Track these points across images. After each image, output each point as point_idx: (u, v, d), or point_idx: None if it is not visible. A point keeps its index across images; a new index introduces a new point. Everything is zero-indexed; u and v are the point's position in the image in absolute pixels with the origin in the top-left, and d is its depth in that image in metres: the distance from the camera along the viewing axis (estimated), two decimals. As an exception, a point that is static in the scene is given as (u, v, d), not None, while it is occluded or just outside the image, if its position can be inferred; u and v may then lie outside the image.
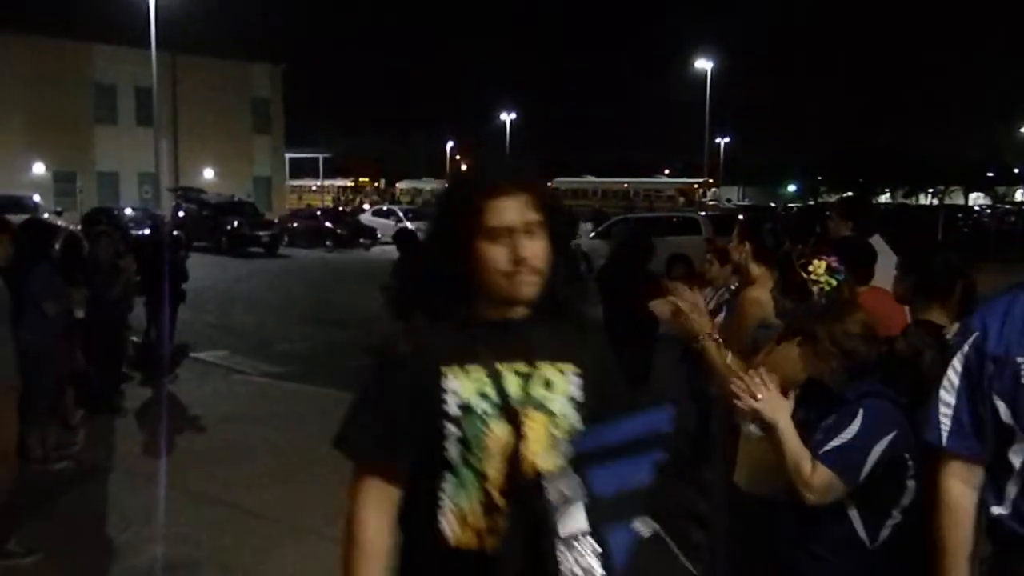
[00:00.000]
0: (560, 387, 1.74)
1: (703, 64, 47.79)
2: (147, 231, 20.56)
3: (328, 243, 29.08)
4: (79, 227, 11.46)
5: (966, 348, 2.09)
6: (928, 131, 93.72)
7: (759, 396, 2.47)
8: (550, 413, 1.72)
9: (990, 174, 78.75)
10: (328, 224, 30.29)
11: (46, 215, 22.50)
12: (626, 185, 45.10)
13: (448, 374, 1.68)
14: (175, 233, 11.55)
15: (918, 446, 2.46)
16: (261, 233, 27.13)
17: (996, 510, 2.05)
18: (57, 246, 6.33)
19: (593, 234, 21.32)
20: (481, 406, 1.68)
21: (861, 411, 2.43)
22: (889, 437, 2.41)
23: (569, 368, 1.76)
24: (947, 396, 2.10)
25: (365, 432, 1.80)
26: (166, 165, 34.75)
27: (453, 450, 1.68)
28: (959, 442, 2.07)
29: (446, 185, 1.84)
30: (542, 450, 1.68)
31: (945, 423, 2.09)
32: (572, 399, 1.75)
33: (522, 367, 1.72)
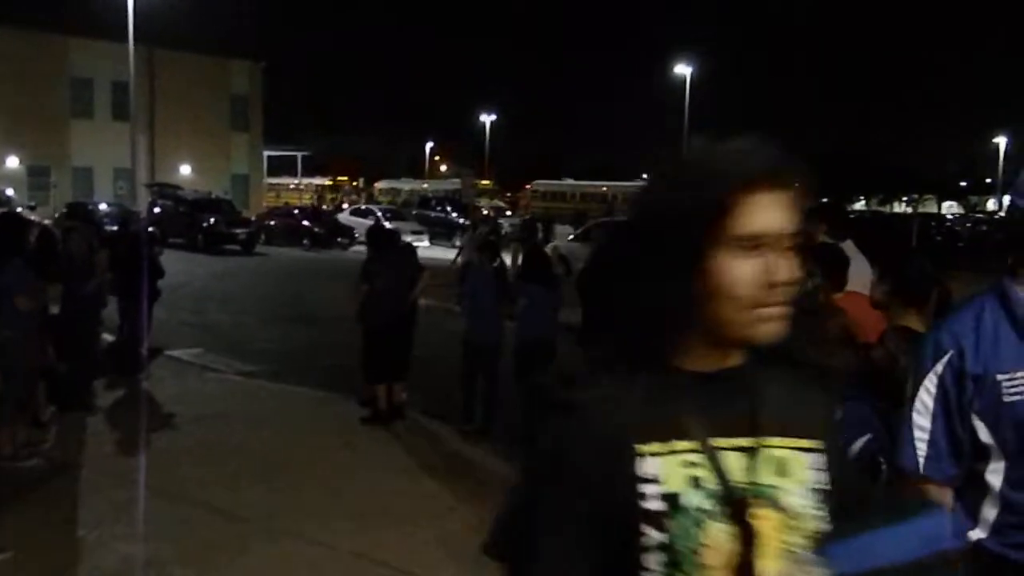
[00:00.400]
0: (797, 472, 1.25)
1: (682, 69, 48.10)
2: (119, 227, 20.40)
3: (305, 242, 28.94)
4: (52, 222, 11.34)
5: (940, 368, 2.00)
6: (903, 140, 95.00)
7: None
8: (785, 510, 1.22)
9: (963, 183, 79.95)
10: (306, 223, 30.13)
11: (19, 209, 22.21)
12: (605, 188, 45.20)
13: (645, 452, 1.19)
14: (150, 229, 11.44)
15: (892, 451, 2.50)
16: (238, 231, 26.95)
17: (974, 535, 1.97)
18: (31, 241, 6.26)
19: (572, 237, 21.37)
20: (694, 501, 1.19)
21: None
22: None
23: (808, 443, 1.27)
24: (921, 420, 2.02)
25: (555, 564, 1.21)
26: (142, 161, 34.42)
27: (654, 562, 1.19)
28: (935, 467, 2.00)
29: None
30: (778, 564, 1.21)
31: (921, 448, 2.01)
32: (813, 489, 1.25)
33: (745, 442, 1.23)
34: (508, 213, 38.71)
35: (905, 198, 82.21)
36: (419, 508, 5.45)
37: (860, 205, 79.74)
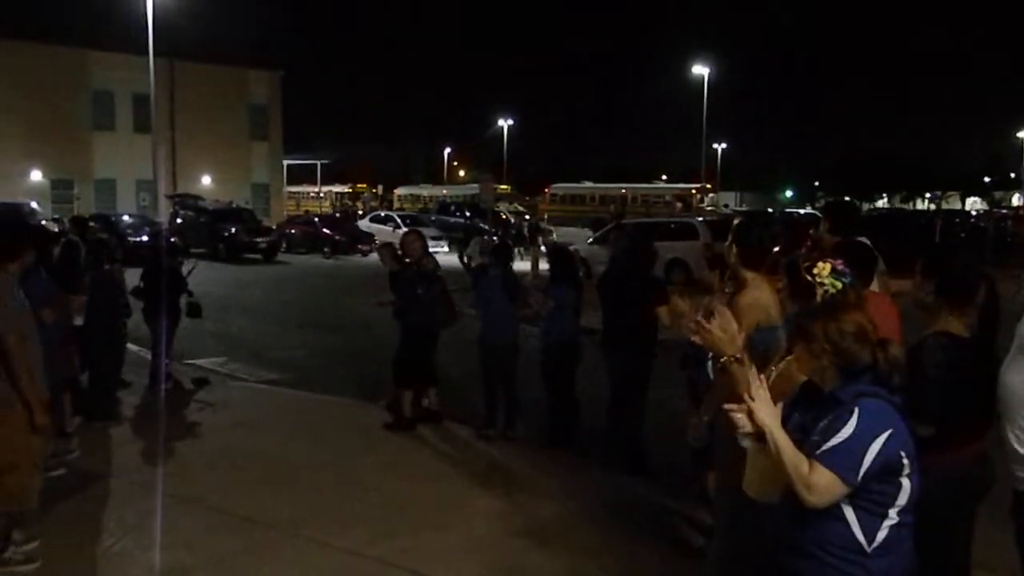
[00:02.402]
0: None
1: (700, 70, 47.93)
2: (145, 238, 20.59)
3: (326, 249, 29.08)
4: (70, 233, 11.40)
5: None
6: (925, 137, 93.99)
7: (752, 406, 2.50)
8: None
9: (987, 179, 78.90)
10: (326, 230, 30.28)
11: (44, 222, 22.46)
12: (624, 190, 45.06)
13: None
14: (172, 240, 11.53)
15: (914, 445, 2.47)
16: (259, 240, 27.12)
17: None
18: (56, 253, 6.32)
19: (591, 240, 21.32)
20: None
21: (857, 410, 2.44)
22: (885, 435, 2.42)
23: None
24: None
25: None
26: (163, 172, 34.71)
27: None
28: None
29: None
30: None
31: None
32: None
33: None
34: (527, 217, 38.63)
35: (928, 195, 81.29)
36: (443, 513, 5.44)
37: (883, 202, 78.97)
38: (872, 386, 2.51)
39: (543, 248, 17.52)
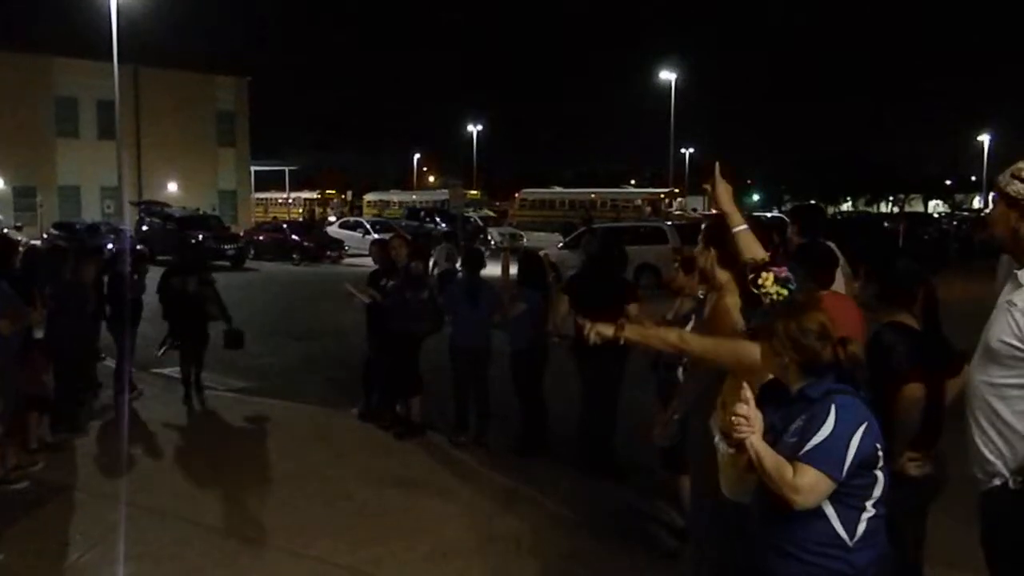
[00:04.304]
0: None
1: (668, 75, 48.33)
2: (109, 245, 20.31)
3: (295, 256, 28.87)
4: (41, 241, 11.20)
5: None
6: (887, 141, 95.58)
7: (741, 417, 2.51)
8: None
9: (948, 182, 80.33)
10: (295, 237, 30.07)
11: (5, 230, 22.09)
12: (593, 195, 45.28)
13: None
14: (139, 247, 11.37)
15: (885, 437, 2.53)
16: (227, 247, 26.85)
17: None
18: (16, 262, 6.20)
19: (562, 244, 21.38)
20: None
21: (833, 407, 2.48)
22: (862, 429, 2.46)
23: None
24: None
25: None
26: (129, 179, 34.28)
27: None
28: None
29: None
30: None
31: None
32: None
33: None
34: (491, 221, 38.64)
35: (891, 198, 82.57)
36: (415, 521, 5.41)
37: (847, 206, 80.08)
38: (839, 383, 2.55)
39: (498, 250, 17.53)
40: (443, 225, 32.31)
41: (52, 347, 6.53)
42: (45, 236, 24.27)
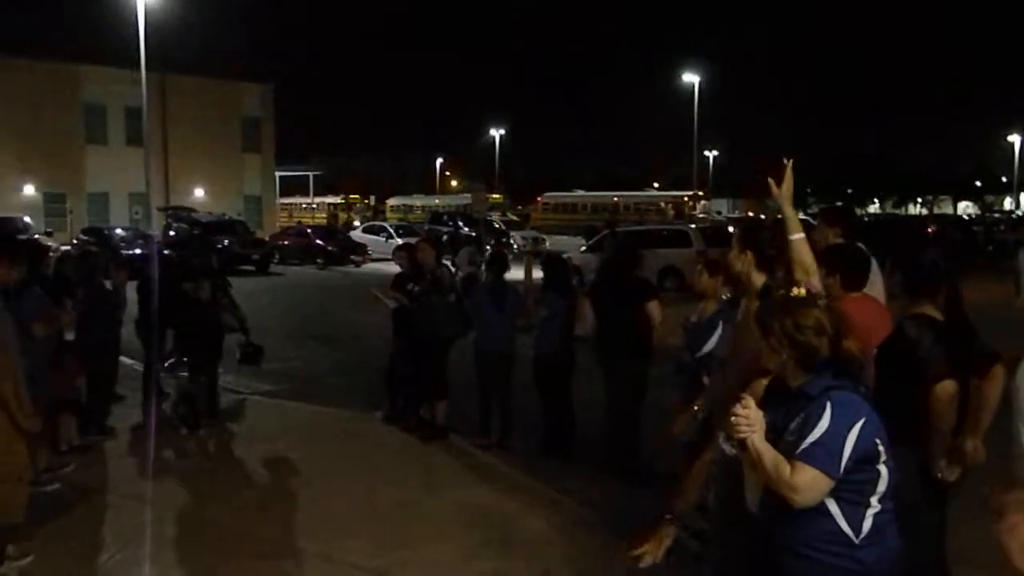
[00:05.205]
0: None
1: (691, 77, 48.12)
2: (138, 251, 20.56)
3: (319, 260, 29.07)
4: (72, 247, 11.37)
5: None
6: (917, 142, 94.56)
7: (740, 417, 2.51)
8: None
9: (978, 183, 79.24)
10: (319, 241, 30.27)
11: (36, 236, 22.43)
12: (616, 199, 45.16)
13: None
14: (166, 252, 11.50)
15: (887, 432, 2.52)
16: (252, 251, 27.08)
17: None
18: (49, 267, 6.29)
19: (584, 248, 21.36)
20: None
21: (829, 403, 2.48)
22: (859, 425, 2.46)
23: None
24: None
25: None
26: (157, 185, 34.67)
27: None
28: None
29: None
30: None
31: None
32: None
33: None
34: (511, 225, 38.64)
35: (920, 199, 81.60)
36: (441, 524, 5.43)
37: (875, 208, 79.28)
38: (837, 379, 2.55)
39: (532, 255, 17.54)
40: (466, 229, 32.37)
41: (83, 350, 6.61)
42: (75, 242, 24.59)
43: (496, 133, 68.55)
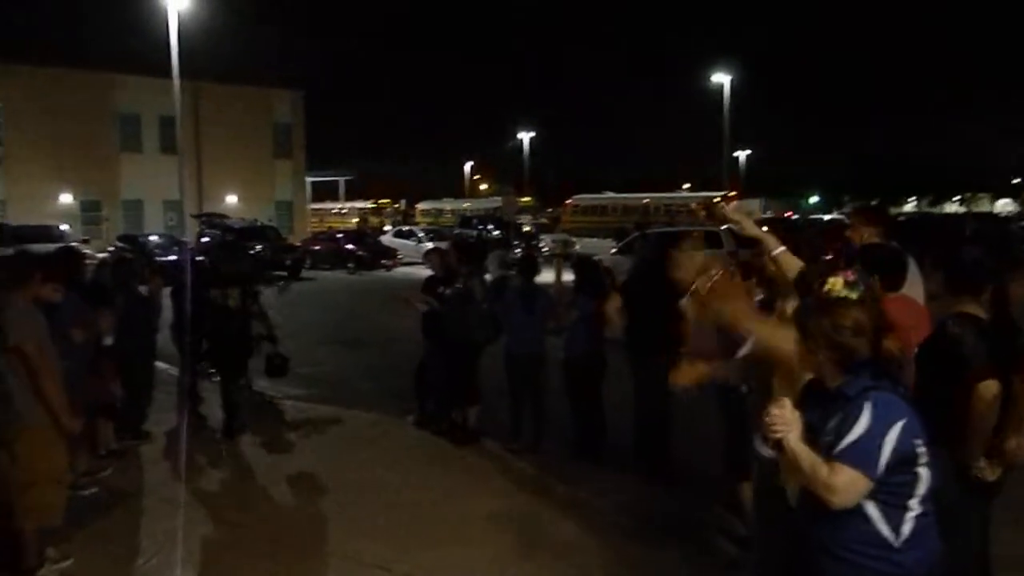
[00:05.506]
0: None
1: (720, 78, 47.78)
2: (172, 257, 20.83)
3: (350, 265, 29.26)
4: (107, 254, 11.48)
5: None
6: (953, 138, 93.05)
7: (775, 417, 2.49)
8: None
9: (1016, 180, 77.89)
10: (350, 246, 30.47)
11: (73, 243, 22.80)
12: (646, 200, 44.92)
13: None
14: (199, 259, 11.59)
15: (927, 433, 2.47)
16: (284, 257, 27.33)
17: None
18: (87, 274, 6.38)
19: (615, 250, 21.28)
20: None
21: (868, 404, 2.44)
22: (899, 426, 2.42)
23: None
24: None
25: None
26: (190, 192, 35.15)
27: None
28: None
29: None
30: None
31: None
32: None
33: None
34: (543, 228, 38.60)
35: (957, 197, 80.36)
36: (470, 527, 5.42)
37: (911, 206, 78.22)
38: (876, 379, 2.51)
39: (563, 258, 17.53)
40: (496, 232, 32.40)
41: (120, 355, 6.70)
42: (111, 249, 24.99)
43: (525, 136, 68.59)
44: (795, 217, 43.94)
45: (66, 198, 36.30)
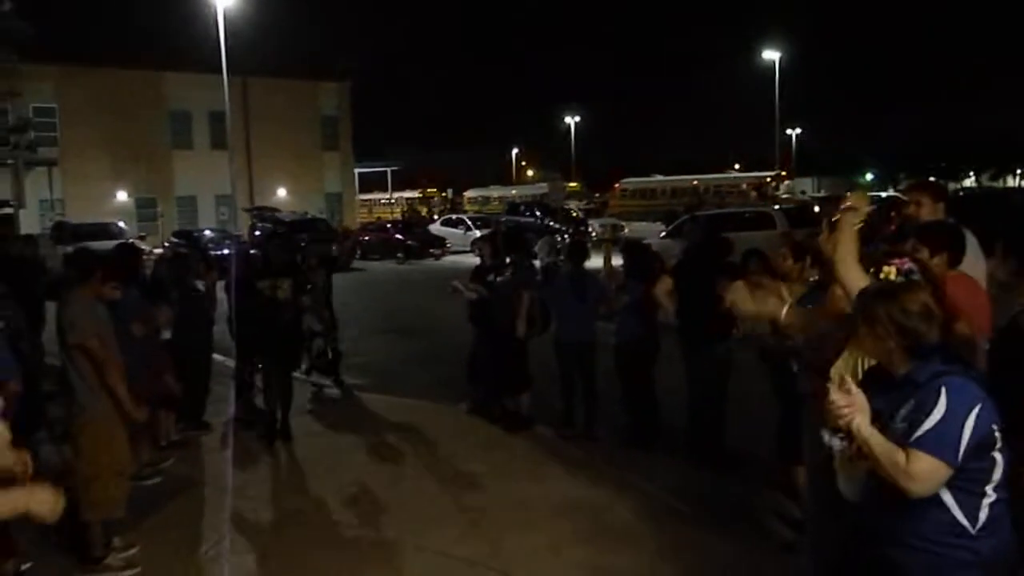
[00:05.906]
0: None
1: (771, 55, 46.92)
2: (226, 251, 21.20)
3: (399, 255, 29.48)
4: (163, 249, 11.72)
5: None
6: (1015, 110, 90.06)
7: (839, 400, 2.42)
8: None
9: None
10: (399, 236, 30.68)
11: (131, 240, 23.33)
12: (696, 182, 44.32)
13: None
14: (252, 252, 11.75)
15: (1002, 417, 2.39)
16: (334, 248, 27.61)
17: None
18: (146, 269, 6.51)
19: (664, 234, 21.08)
20: None
21: (944, 389, 2.37)
22: (976, 410, 2.35)
23: None
24: None
25: None
26: (241, 186, 35.70)
27: None
28: None
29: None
30: None
31: None
32: None
33: None
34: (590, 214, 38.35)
35: (1020, 171, 77.76)
36: (527, 513, 5.44)
37: (970, 181, 75.99)
38: (947, 364, 2.44)
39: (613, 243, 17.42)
40: (546, 219, 32.30)
41: (178, 348, 6.85)
42: (166, 244, 25.53)
43: (571, 121, 68.25)
44: (848, 195, 42.88)
45: (122, 196, 37.14)
